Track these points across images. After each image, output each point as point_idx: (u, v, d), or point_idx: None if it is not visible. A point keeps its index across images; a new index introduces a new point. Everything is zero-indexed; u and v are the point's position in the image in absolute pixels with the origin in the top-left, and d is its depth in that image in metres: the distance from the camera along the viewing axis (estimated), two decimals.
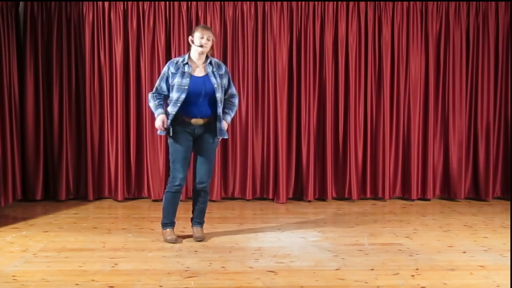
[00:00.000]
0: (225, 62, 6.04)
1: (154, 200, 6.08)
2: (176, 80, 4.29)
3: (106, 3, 5.95)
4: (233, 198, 6.21)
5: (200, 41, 4.29)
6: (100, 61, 6.00)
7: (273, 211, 5.75)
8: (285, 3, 6.01)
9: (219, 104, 4.36)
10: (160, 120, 4.29)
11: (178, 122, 4.34)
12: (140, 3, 5.97)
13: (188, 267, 3.86)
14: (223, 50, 6.05)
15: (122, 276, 3.68)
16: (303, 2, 6.04)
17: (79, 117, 6.08)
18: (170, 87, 4.35)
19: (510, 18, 6.16)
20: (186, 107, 4.30)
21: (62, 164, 6.00)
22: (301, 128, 6.09)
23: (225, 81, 4.44)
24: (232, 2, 6.00)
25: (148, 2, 5.96)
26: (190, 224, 4.72)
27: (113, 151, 6.05)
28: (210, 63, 4.39)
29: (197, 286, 3.54)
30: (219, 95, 4.34)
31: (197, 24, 5.99)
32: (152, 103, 4.40)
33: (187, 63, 4.34)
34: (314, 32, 6.07)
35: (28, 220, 5.20)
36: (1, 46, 5.49)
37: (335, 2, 6.06)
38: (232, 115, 4.53)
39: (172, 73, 4.34)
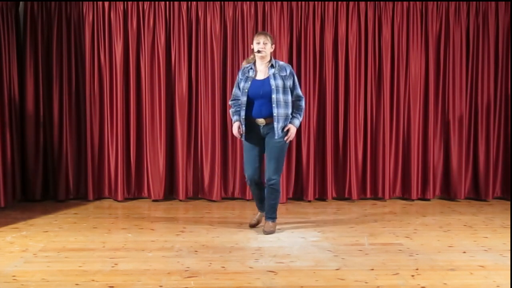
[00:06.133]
0: (225, 63, 6.05)
1: (154, 200, 6.08)
2: (241, 85, 4.66)
3: (106, 3, 5.95)
4: (233, 198, 6.21)
5: (257, 47, 4.58)
6: (100, 61, 6.00)
7: None
8: (285, 3, 6.01)
9: (274, 105, 4.57)
10: (235, 128, 4.75)
11: (247, 123, 4.68)
12: (140, 3, 5.97)
13: (188, 267, 3.86)
14: (223, 50, 6.05)
15: (122, 276, 3.68)
16: (303, 2, 6.04)
17: (79, 117, 6.08)
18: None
19: (510, 18, 6.16)
20: (251, 109, 4.64)
21: (62, 164, 6.00)
22: (301, 128, 6.08)
23: (289, 82, 4.67)
24: (232, 2, 6.00)
25: (148, 2, 5.96)
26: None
27: (113, 151, 6.05)
28: (272, 66, 4.64)
29: (197, 286, 3.54)
30: (274, 96, 4.56)
31: (197, 24, 6.00)
32: (230, 111, 4.87)
33: (251, 68, 4.68)
34: (314, 32, 6.07)
35: (28, 220, 5.20)
36: (1, 46, 5.49)
37: (335, 2, 6.06)
38: (300, 118, 4.80)
39: (240, 78, 4.73)
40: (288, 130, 4.66)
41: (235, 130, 4.75)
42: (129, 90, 6.05)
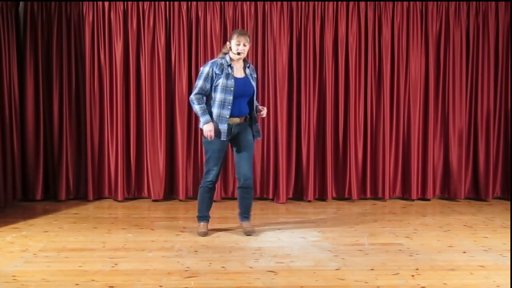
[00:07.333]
0: None
1: (154, 200, 6.08)
2: (221, 81, 4.42)
3: (106, 3, 5.95)
4: (233, 198, 6.19)
5: (237, 48, 4.43)
6: (100, 61, 6.00)
7: (273, 211, 5.75)
8: (285, 3, 6.01)
9: (254, 106, 4.58)
10: (210, 129, 4.42)
11: (225, 122, 4.48)
12: (140, 3, 5.97)
13: (188, 267, 3.87)
14: None
15: (122, 276, 3.68)
16: (303, 2, 6.04)
17: (79, 117, 6.08)
18: (213, 87, 4.46)
19: (510, 18, 6.16)
20: (228, 107, 4.47)
21: (62, 164, 6.00)
22: (301, 128, 6.09)
23: (255, 84, 4.66)
24: (232, 2, 6.00)
25: (148, 2, 5.96)
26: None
27: (113, 151, 6.05)
28: (249, 66, 4.60)
29: (197, 286, 3.54)
30: (254, 97, 4.58)
31: (197, 24, 6.00)
32: (198, 107, 4.49)
33: (229, 65, 4.48)
34: (314, 32, 6.07)
35: (28, 220, 5.20)
36: (1, 46, 5.49)
37: (335, 2, 6.06)
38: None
39: (216, 73, 4.44)
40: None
41: (210, 132, 4.42)
42: (129, 90, 6.05)
